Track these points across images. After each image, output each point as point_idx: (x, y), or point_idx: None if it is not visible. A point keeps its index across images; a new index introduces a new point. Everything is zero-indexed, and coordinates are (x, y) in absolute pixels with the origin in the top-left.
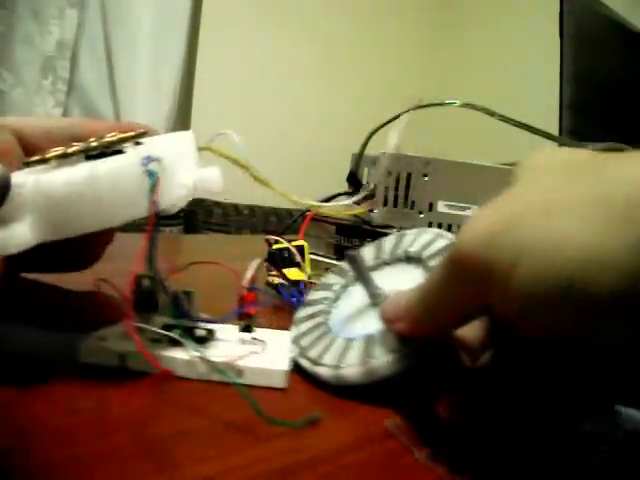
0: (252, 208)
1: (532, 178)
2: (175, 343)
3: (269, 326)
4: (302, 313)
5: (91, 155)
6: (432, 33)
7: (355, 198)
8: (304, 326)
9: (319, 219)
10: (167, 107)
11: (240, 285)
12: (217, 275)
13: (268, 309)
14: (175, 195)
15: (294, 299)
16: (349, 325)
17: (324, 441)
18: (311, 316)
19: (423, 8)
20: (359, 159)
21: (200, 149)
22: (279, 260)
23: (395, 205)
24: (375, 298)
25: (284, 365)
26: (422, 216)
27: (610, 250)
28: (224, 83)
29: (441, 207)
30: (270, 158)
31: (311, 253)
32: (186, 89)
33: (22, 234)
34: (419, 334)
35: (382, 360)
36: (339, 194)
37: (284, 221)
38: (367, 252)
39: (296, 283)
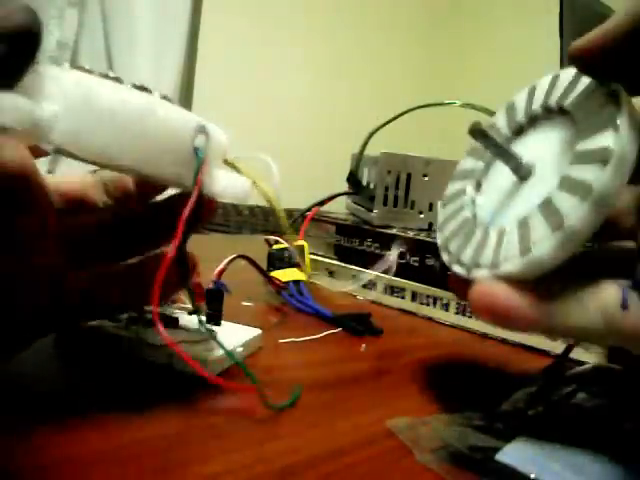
0: (252, 208)
1: None
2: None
3: (250, 322)
4: (442, 215)
5: None
6: (432, 33)
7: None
8: (449, 228)
9: (319, 219)
10: None
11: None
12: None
13: (260, 307)
14: (208, 188)
15: (292, 298)
16: (500, 211)
17: (324, 441)
18: (454, 214)
19: (423, 9)
20: (359, 159)
21: (225, 162)
22: (278, 260)
23: (395, 205)
24: (520, 172)
25: (214, 355)
26: (422, 216)
27: None
28: (224, 83)
29: None
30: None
31: (311, 253)
32: (186, 89)
33: (51, 112)
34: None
35: (545, 244)
36: (339, 194)
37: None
38: (499, 119)
39: (284, 286)
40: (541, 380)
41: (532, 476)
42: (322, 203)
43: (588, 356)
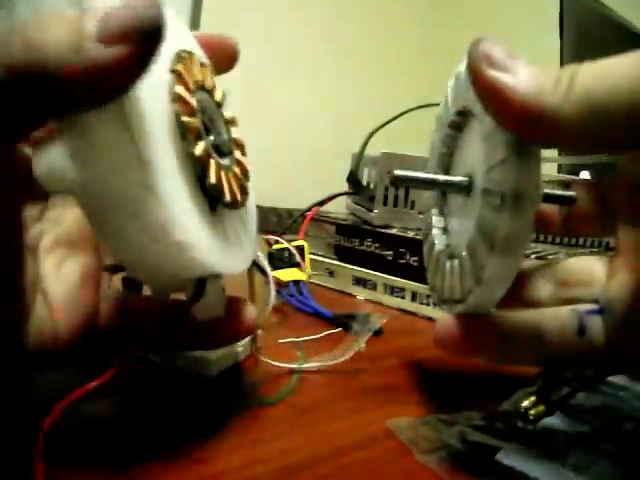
0: None
1: None
2: None
3: None
4: (424, 252)
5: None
6: (433, 33)
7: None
8: (430, 266)
9: (319, 219)
10: None
11: None
12: None
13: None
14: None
15: (292, 298)
16: (462, 236)
17: (323, 441)
18: (429, 250)
19: (424, 9)
20: (359, 159)
21: None
22: (278, 260)
23: (395, 205)
24: (462, 190)
25: (213, 354)
26: (422, 216)
27: None
28: (224, 83)
29: None
30: (270, 158)
31: (311, 253)
32: None
33: None
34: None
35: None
36: (339, 194)
37: (284, 221)
38: (441, 107)
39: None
40: (541, 380)
41: (532, 476)
42: (322, 203)
43: None
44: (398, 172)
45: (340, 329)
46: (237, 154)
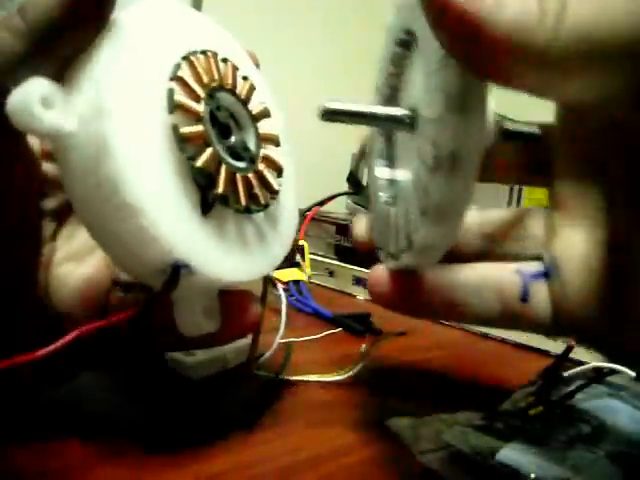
0: None
1: None
2: None
3: None
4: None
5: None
6: None
7: None
8: (377, 226)
9: (319, 219)
10: None
11: None
12: None
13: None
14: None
15: (292, 298)
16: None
17: (324, 441)
18: (375, 205)
19: None
20: (359, 159)
21: None
22: None
23: None
24: (405, 125)
25: (193, 359)
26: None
27: None
28: None
29: None
30: None
31: (311, 253)
32: None
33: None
34: None
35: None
36: (339, 194)
37: None
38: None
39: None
40: (541, 380)
41: (532, 476)
42: (322, 203)
43: (588, 356)
44: (329, 104)
45: (340, 329)
46: (267, 150)
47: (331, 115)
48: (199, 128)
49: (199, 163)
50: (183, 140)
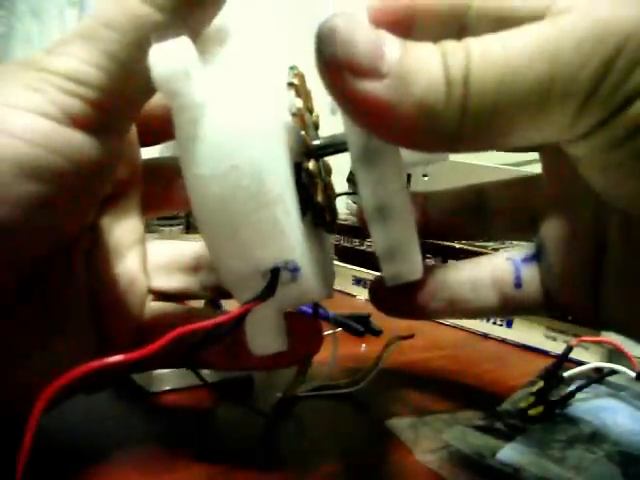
0: None
1: None
2: None
3: None
4: None
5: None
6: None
7: None
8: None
9: None
10: None
11: None
12: None
13: None
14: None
15: None
16: None
17: (324, 441)
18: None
19: None
20: None
21: None
22: None
23: None
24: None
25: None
26: None
27: None
28: None
29: None
30: None
31: None
32: None
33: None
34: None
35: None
36: (339, 194)
37: None
38: None
39: None
40: (541, 380)
41: (532, 476)
42: None
43: (588, 356)
44: (316, 142)
45: (340, 329)
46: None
47: (322, 150)
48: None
49: (310, 166)
50: (304, 147)
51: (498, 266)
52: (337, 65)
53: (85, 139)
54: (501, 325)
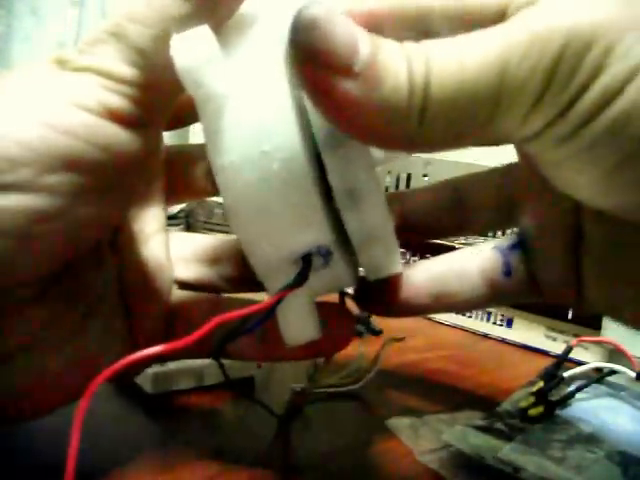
0: None
1: None
2: None
3: None
4: None
5: None
6: None
7: None
8: None
9: None
10: None
11: None
12: None
13: None
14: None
15: None
16: None
17: (324, 441)
18: None
19: None
20: None
21: None
22: None
23: None
24: None
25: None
26: None
27: None
28: None
29: None
30: None
31: None
32: None
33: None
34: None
35: None
36: None
37: None
38: None
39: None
40: (541, 380)
41: (532, 476)
42: None
43: (588, 356)
44: None
45: None
46: None
47: None
48: None
49: None
50: None
51: (485, 255)
52: (313, 57)
53: (123, 133)
54: (501, 325)
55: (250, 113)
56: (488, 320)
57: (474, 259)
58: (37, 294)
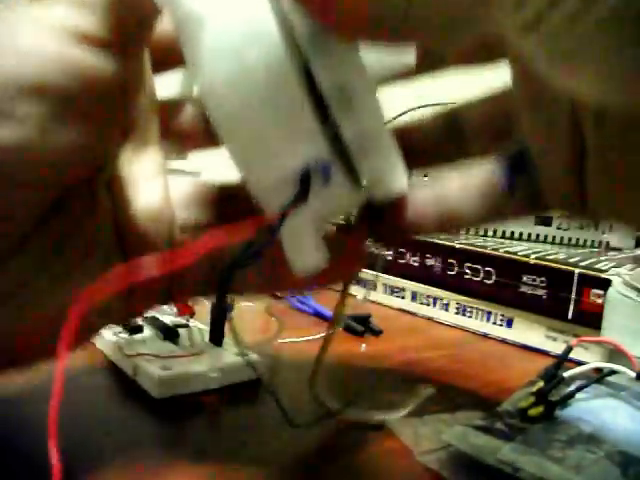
0: None
1: None
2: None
3: (250, 322)
4: None
5: None
6: None
7: None
8: None
9: None
10: None
11: None
12: None
13: (260, 307)
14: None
15: (292, 298)
16: None
17: (324, 441)
18: None
19: None
20: None
21: None
22: None
23: None
24: None
25: (156, 372)
26: None
27: None
28: None
29: None
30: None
31: None
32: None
33: None
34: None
35: None
36: None
37: None
38: None
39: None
40: (541, 380)
41: (532, 476)
42: None
43: (588, 356)
44: None
45: (340, 329)
46: None
47: None
48: None
49: None
50: None
51: (488, 173)
52: None
53: (91, 56)
54: (501, 325)
55: (226, 31)
56: (488, 320)
57: (477, 177)
58: (20, 239)
